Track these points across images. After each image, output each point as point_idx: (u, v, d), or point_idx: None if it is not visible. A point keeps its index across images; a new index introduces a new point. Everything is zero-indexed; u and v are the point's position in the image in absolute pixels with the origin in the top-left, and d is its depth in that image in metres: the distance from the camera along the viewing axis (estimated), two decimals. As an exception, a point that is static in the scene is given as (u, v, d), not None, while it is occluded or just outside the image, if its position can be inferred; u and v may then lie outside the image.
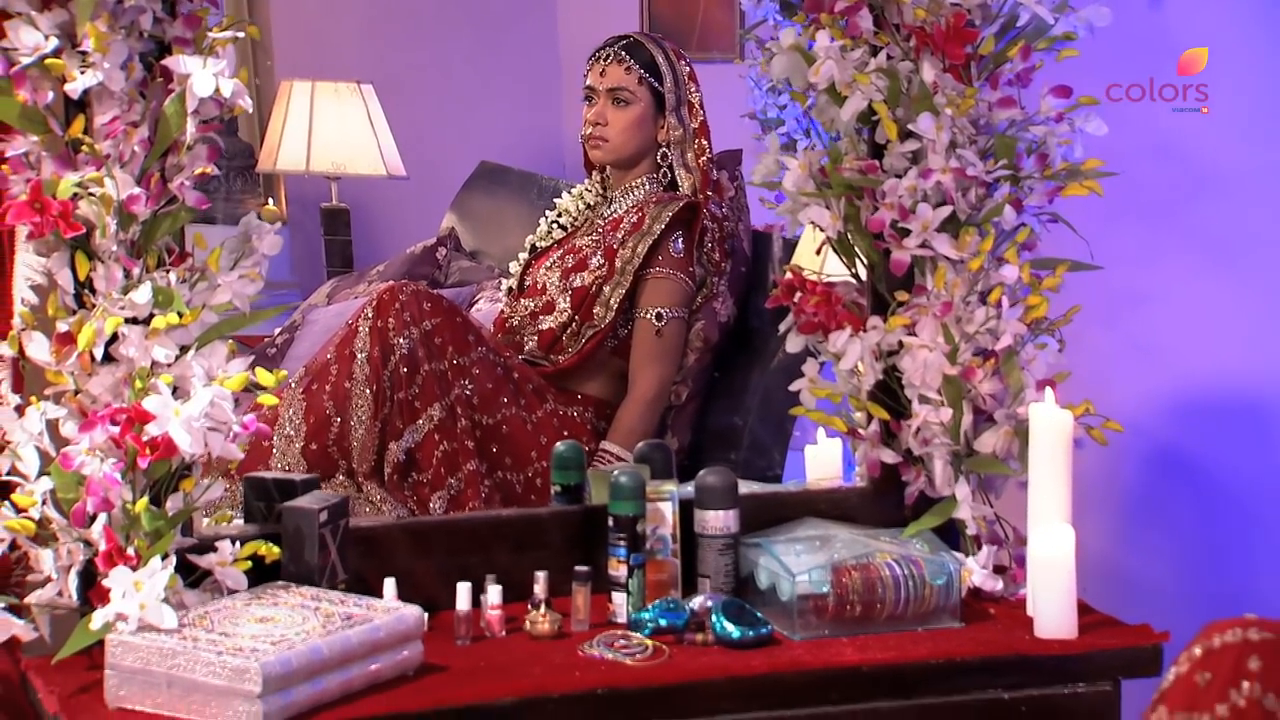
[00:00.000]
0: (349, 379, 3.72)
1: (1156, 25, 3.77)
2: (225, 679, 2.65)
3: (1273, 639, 2.24)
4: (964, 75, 3.25)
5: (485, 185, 5.15)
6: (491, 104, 5.54)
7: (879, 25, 3.27)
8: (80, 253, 2.89)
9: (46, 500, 2.85)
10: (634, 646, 2.97)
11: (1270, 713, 2.21)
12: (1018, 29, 3.29)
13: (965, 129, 3.21)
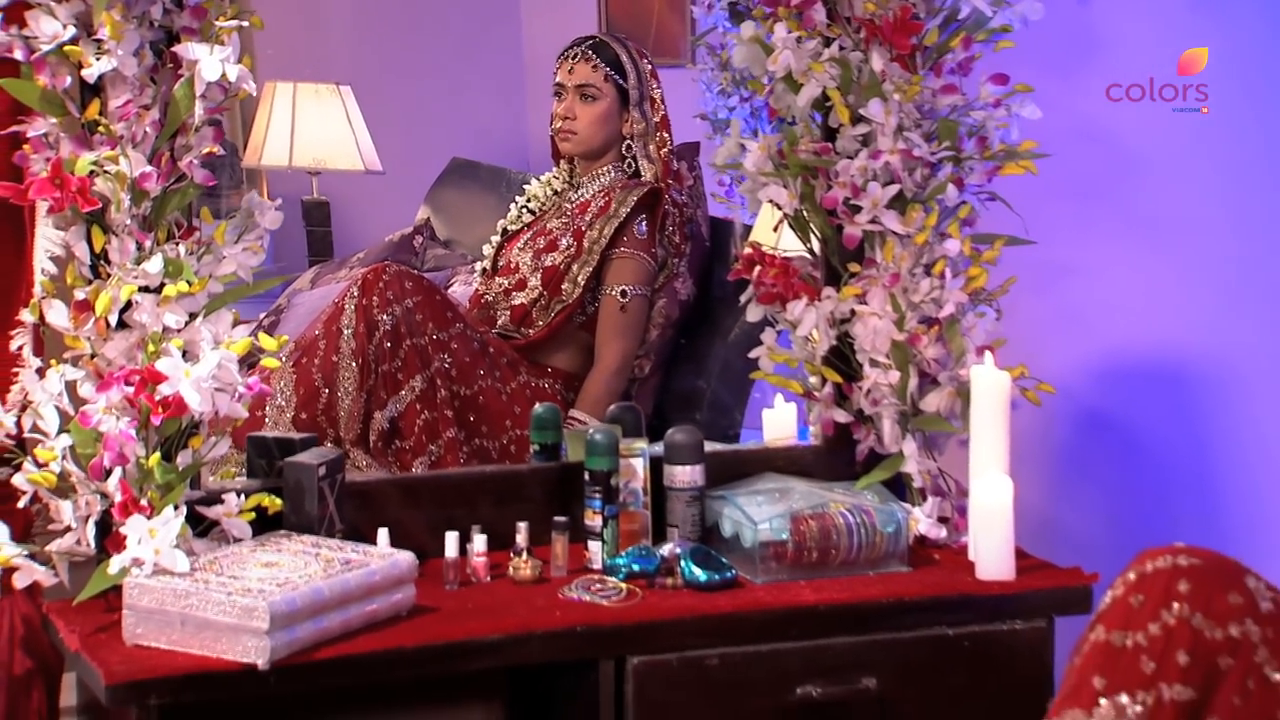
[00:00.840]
0: (336, 353, 3.72)
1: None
2: (235, 617, 2.69)
3: (1200, 564, 2.30)
4: (910, 64, 3.28)
5: (457, 180, 5.13)
6: (461, 104, 5.52)
7: (831, 18, 3.29)
8: (96, 226, 2.91)
9: (66, 455, 2.87)
10: (610, 589, 3.00)
11: (1197, 631, 2.27)
12: (959, 21, 3.32)
13: (911, 114, 3.24)
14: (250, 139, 5.25)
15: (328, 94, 5.24)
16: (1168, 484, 3.63)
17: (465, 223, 4.95)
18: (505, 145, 5.28)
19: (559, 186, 4.09)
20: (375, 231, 5.02)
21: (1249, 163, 3.68)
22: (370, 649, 2.80)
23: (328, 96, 5.25)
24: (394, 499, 3.21)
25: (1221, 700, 2.26)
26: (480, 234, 4.51)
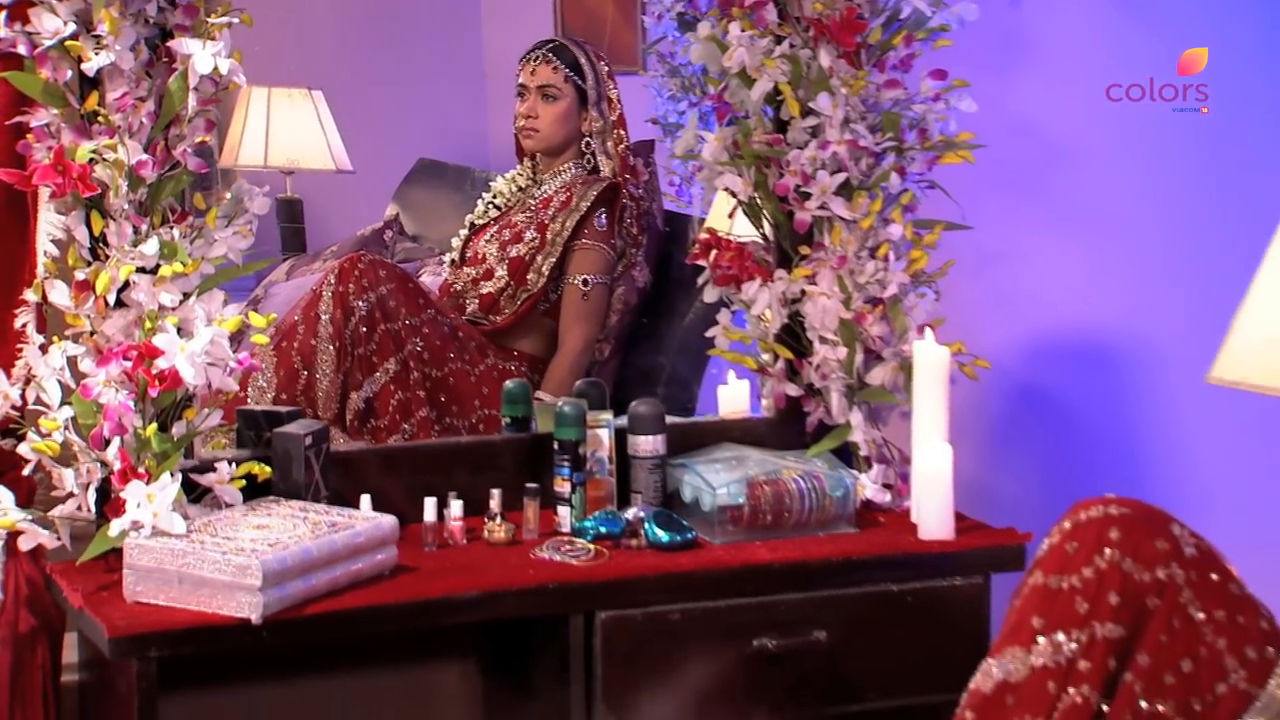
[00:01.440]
0: (314, 337, 3.72)
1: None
2: (230, 575, 2.71)
3: (1129, 513, 2.38)
4: (855, 60, 3.30)
5: (423, 178, 5.13)
6: (426, 107, 5.52)
7: (782, 17, 3.30)
8: (95, 211, 2.92)
9: (68, 426, 2.87)
10: (578, 550, 3.03)
11: (1127, 574, 2.35)
12: (900, 21, 3.34)
13: (857, 107, 3.25)
14: (226, 141, 5.25)
15: (300, 98, 5.23)
16: (1093, 451, 3.65)
17: (432, 219, 4.95)
18: (468, 145, 5.28)
19: (523, 183, 4.11)
20: (346, 227, 5.01)
21: (1168, 155, 3.70)
22: (356, 605, 2.82)
23: (300, 100, 5.24)
24: (375, 467, 3.22)
25: (1149, 638, 2.34)
26: (446, 229, 4.51)
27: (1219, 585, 2.40)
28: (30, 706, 2.96)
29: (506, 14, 5.62)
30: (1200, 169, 3.66)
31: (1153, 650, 2.32)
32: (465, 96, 5.62)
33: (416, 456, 3.32)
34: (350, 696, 3.18)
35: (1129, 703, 2.32)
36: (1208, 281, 3.44)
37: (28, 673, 2.97)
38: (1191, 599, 2.36)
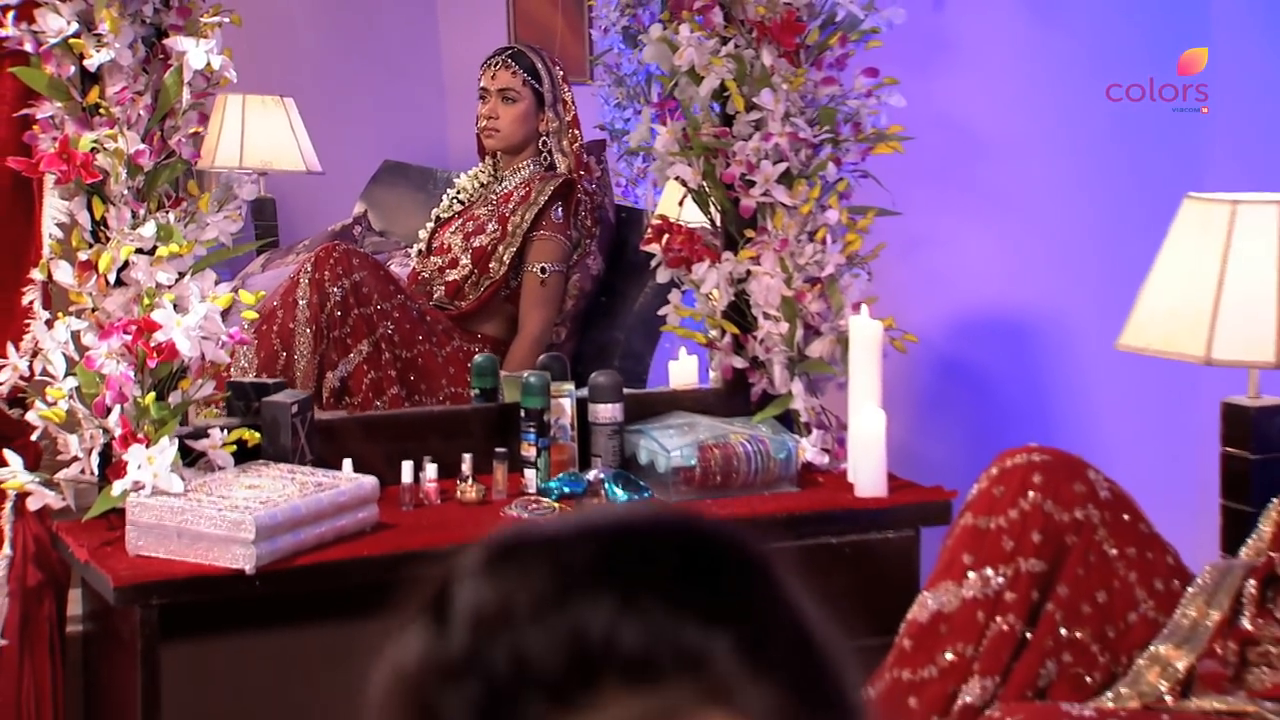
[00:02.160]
0: (293, 321, 3.72)
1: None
2: (225, 529, 2.76)
3: (1050, 460, 2.48)
4: (795, 59, 3.32)
5: (388, 178, 5.16)
6: (390, 112, 5.55)
7: (728, 20, 3.33)
8: (96, 197, 2.94)
9: (72, 395, 2.90)
10: (544, 508, 3.08)
11: (1048, 514, 2.44)
12: (836, 24, 3.36)
13: (796, 102, 3.29)
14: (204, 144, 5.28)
15: (273, 104, 5.26)
16: (1011, 416, 3.68)
17: (398, 215, 4.97)
18: (429, 148, 5.31)
19: (484, 179, 4.12)
20: (317, 224, 5.05)
21: (1080, 145, 3.73)
22: (340, 557, 2.87)
23: (273, 107, 5.27)
24: (356, 434, 3.26)
25: (1068, 571, 2.43)
26: (411, 225, 4.54)
27: (1130, 525, 2.50)
28: (38, 655, 2.98)
29: (463, 28, 5.65)
30: (1108, 158, 3.70)
31: (1071, 583, 2.41)
32: (426, 103, 5.66)
33: (394, 424, 3.35)
34: (332, 645, 3.11)
35: (1050, 630, 2.41)
36: (1115, 261, 3.49)
37: (35, 624, 2.99)
38: (1106, 537, 2.46)
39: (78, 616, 3.10)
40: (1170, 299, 3.00)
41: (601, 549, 0.66)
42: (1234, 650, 2.42)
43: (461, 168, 4.35)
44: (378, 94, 5.57)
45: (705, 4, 3.28)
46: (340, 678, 3.09)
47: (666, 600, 0.64)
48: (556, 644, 0.63)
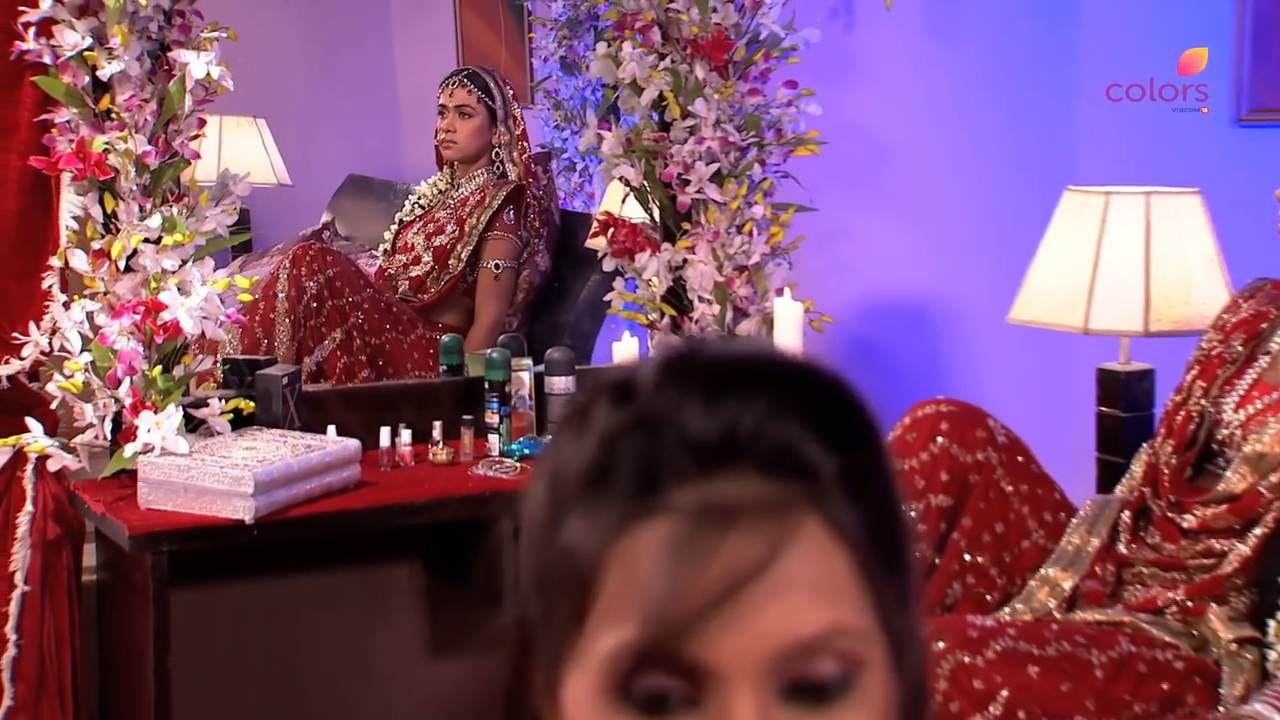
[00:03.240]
0: (273, 312, 3.77)
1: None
2: (227, 484, 2.79)
3: (956, 410, 2.59)
4: (724, 73, 3.34)
5: (352, 190, 5.22)
6: (352, 132, 5.61)
7: (665, 38, 3.35)
8: (108, 192, 2.96)
9: (88, 369, 2.92)
10: (507, 467, 3.13)
11: (954, 456, 2.55)
12: (760, 41, 3.39)
13: (726, 110, 3.33)
14: (183, 161, 5.31)
15: (247, 125, 5.30)
16: (914, 386, 3.66)
17: (361, 223, 5.03)
18: (387, 162, 5.37)
19: (443, 186, 4.18)
20: (288, 232, 5.09)
21: (967, 146, 3.79)
22: (328, 509, 2.91)
23: (247, 127, 5.31)
24: (338, 404, 3.30)
25: (971, 506, 2.55)
26: (373, 231, 4.60)
27: (1024, 466, 2.61)
28: (57, 600, 2.99)
29: (415, 57, 5.70)
30: (996, 157, 3.76)
31: (974, 515, 2.52)
32: (383, 123, 5.72)
33: (372, 395, 3.40)
34: (319, 592, 3.22)
35: (956, 556, 2.52)
36: (1004, 247, 3.54)
37: (55, 572, 3.00)
38: (1003, 476, 2.57)
39: (91, 567, 3.11)
40: (1053, 278, 3.10)
41: (760, 369, 0.76)
42: (1111, 571, 2.51)
43: (416, 179, 4.41)
44: (341, 115, 5.64)
45: (645, 24, 3.32)
46: (327, 617, 3.21)
47: (802, 420, 0.74)
48: (715, 425, 0.73)
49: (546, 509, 0.79)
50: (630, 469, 0.74)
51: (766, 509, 0.72)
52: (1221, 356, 2.54)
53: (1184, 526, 2.48)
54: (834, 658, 0.73)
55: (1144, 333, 3.00)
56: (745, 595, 0.71)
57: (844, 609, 0.73)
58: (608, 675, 0.74)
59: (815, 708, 0.73)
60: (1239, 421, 2.47)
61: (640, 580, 0.72)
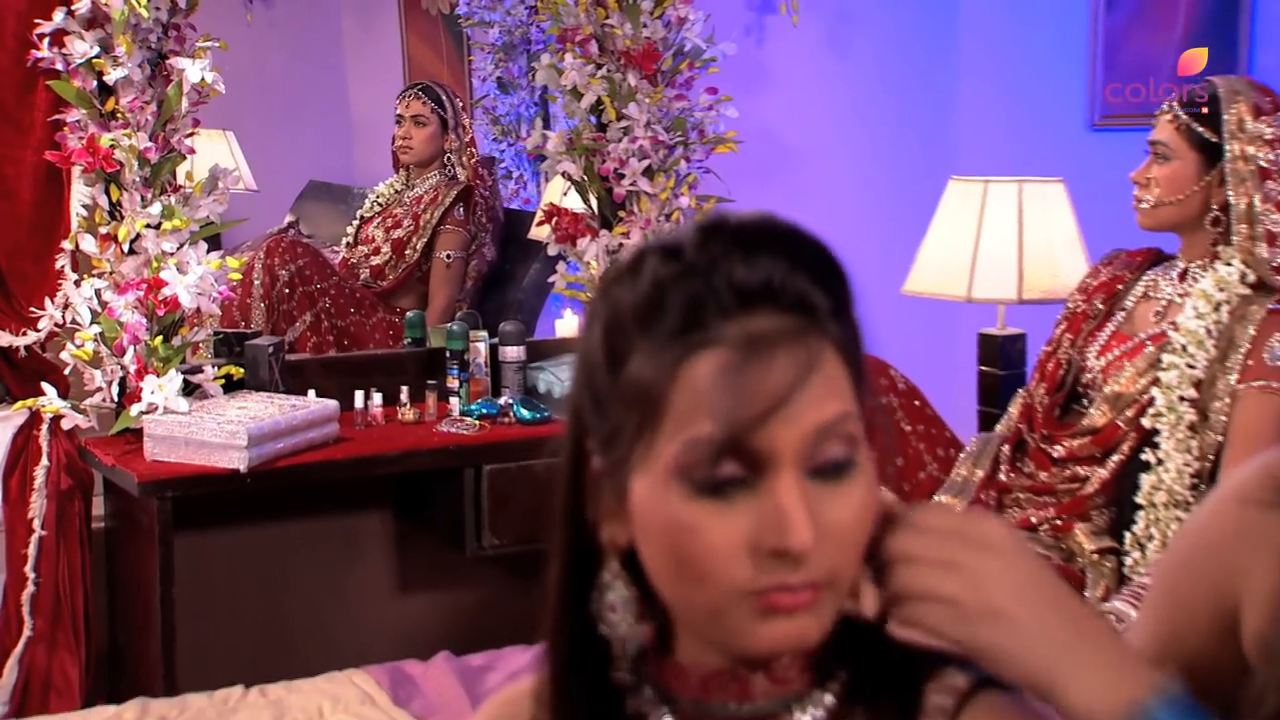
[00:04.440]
0: (249, 297, 3.81)
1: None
2: (224, 438, 2.87)
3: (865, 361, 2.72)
4: (654, 80, 3.39)
5: (313, 194, 5.23)
6: (312, 142, 5.63)
7: (602, 50, 3.39)
8: (113, 184, 3.03)
9: (96, 339, 3.00)
10: (468, 425, 3.20)
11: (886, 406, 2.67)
12: (684, 53, 3.43)
13: (655, 113, 3.38)
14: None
15: (218, 136, 5.30)
16: None
17: (322, 223, 5.03)
18: (344, 169, 5.42)
19: (400, 186, 4.22)
20: (255, 232, 5.15)
21: (862, 144, 3.87)
22: (312, 460, 2.98)
23: (217, 138, 5.31)
24: (317, 371, 3.36)
25: (875, 442, 2.68)
26: (333, 230, 4.63)
27: (919, 409, 2.74)
28: (70, 544, 3.06)
29: (365, 76, 5.75)
30: (889, 152, 3.85)
31: (878, 450, 2.64)
32: (339, 134, 5.75)
33: (346, 364, 3.45)
34: (302, 536, 3.29)
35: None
36: (897, 229, 3.61)
37: (68, 519, 3.07)
38: (903, 417, 2.69)
39: (100, 516, 3.17)
40: (940, 255, 3.24)
41: (778, 235, 0.91)
42: (993, 497, 2.62)
43: (369, 183, 4.44)
44: (300, 128, 5.65)
45: (584, 38, 3.38)
46: (309, 557, 3.28)
47: (810, 273, 0.90)
48: (756, 275, 0.88)
49: (604, 350, 0.92)
50: (681, 308, 0.88)
51: (795, 336, 0.88)
52: (1085, 313, 2.68)
53: (1054, 456, 2.60)
54: (841, 440, 0.89)
55: (1018, 300, 3.14)
56: (791, 398, 0.86)
57: (847, 401, 0.90)
58: (682, 467, 0.88)
59: (831, 482, 0.89)
60: (1100, 367, 2.60)
61: (708, 394, 0.86)
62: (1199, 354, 2.46)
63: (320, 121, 5.70)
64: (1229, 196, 2.48)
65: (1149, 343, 2.57)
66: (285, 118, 5.69)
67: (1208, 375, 2.45)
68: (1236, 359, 2.44)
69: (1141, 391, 2.53)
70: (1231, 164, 2.46)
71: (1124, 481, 2.51)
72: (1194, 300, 2.50)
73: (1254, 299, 2.47)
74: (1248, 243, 2.47)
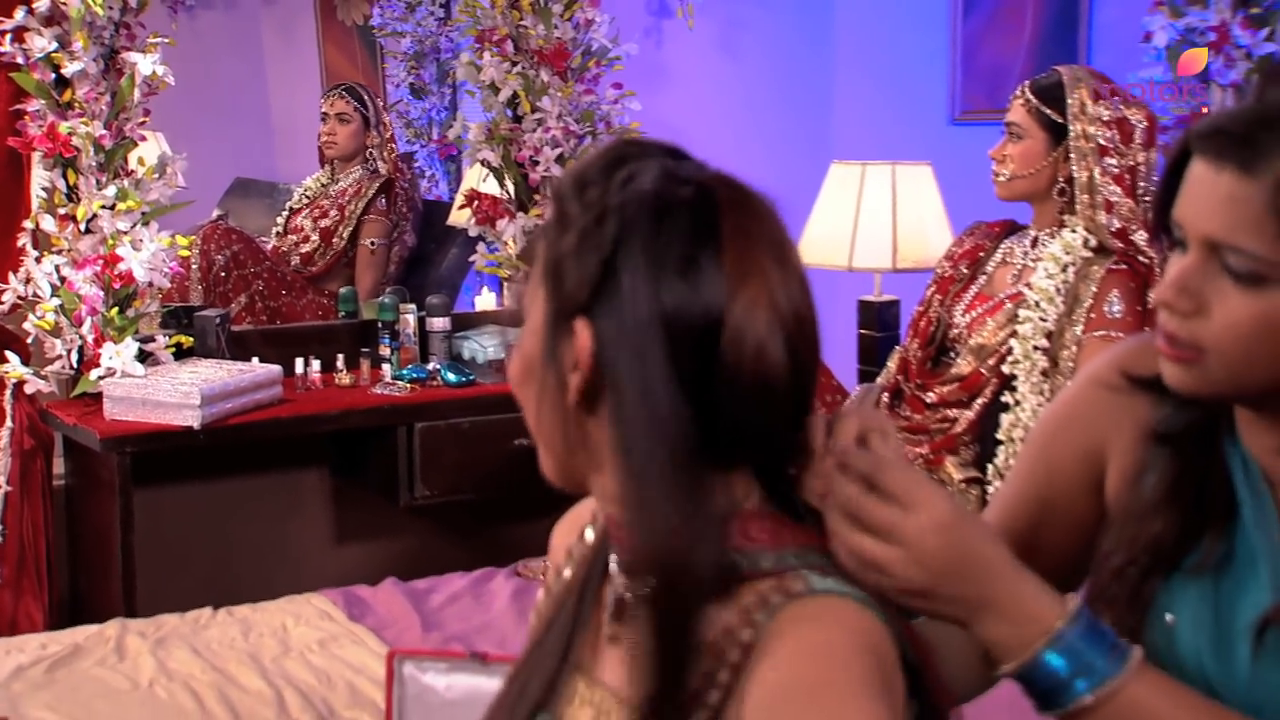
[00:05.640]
0: (188, 280, 3.83)
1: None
2: (178, 398, 2.95)
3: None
4: (565, 77, 3.49)
5: (239, 190, 5.30)
6: (237, 142, 5.68)
7: (517, 49, 3.49)
8: (71, 168, 3.09)
9: (57, 311, 3.07)
10: (400, 388, 3.30)
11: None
12: (592, 52, 3.53)
13: (566, 106, 3.47)
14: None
15: (150, 136, 5.42)
16: None
17: (248, 216, 5.07)
18: (266, 166, 5.48)
19: (325, 180, 4.28)
20: (185, 225, 5.20)
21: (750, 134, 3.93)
22: (259, 419, 3.07)
23: (150, 138, 5.42)
24: (260, 341, 3.44)
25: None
26: (259, 223, 4.68)
27: None
28: (33, 498, 3.12)
29: (285, 80, 5.81)
30: (777, 140, 3.96)
31: None
32: (260, 136, 5.82)
33: (286, 334, 3.53)
34: (247, 491, 3.37)
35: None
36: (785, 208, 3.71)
37: (31, 476, 3.12)
38: None
39: (60, 474, 3.23)
40: (824, 229, 3.40)
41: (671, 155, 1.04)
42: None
43: (290, 180, 4.51)
44: (224, 129, 5.66)
45: (501, 38, 3.48)
46: (254, 510, 3.36)
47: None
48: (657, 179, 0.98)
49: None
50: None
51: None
52: (952, 278, 2.86)
53: (927, 401, 2.78)
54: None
55: (893, 269, 3.31)
56: None
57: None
58: None
59: None
60: (965, 323, 2.78)
61: None
62: (1050, 309, 2.65)
63: (243, 123, 5.73)
64: (1073, 170, 2.67)
65: (1007, 301, 2.74)
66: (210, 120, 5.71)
67: (1057, 327, 2.63)
68: (1081, 313, 2.63)
69: (1001, 343, 2.71)
70: (1075, 142, 2.66)
71: (987, 421, 2.68)
72: (1044, 263, 2.69)
73: (1095, 260, 2.67)
74: (1089, 211, 2.67)
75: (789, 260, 0.99)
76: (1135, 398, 1.14)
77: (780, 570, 0.95)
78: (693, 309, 0.93)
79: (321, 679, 2.12)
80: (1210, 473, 1.08)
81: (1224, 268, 1.01)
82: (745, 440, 0.96)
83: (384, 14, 4.73)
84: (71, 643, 2.27)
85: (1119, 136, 2.65)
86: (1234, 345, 1.01)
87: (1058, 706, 0.99)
